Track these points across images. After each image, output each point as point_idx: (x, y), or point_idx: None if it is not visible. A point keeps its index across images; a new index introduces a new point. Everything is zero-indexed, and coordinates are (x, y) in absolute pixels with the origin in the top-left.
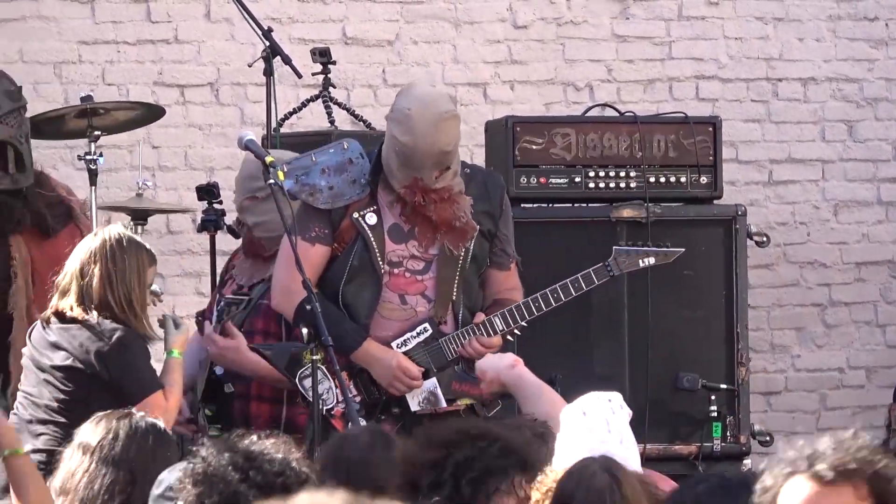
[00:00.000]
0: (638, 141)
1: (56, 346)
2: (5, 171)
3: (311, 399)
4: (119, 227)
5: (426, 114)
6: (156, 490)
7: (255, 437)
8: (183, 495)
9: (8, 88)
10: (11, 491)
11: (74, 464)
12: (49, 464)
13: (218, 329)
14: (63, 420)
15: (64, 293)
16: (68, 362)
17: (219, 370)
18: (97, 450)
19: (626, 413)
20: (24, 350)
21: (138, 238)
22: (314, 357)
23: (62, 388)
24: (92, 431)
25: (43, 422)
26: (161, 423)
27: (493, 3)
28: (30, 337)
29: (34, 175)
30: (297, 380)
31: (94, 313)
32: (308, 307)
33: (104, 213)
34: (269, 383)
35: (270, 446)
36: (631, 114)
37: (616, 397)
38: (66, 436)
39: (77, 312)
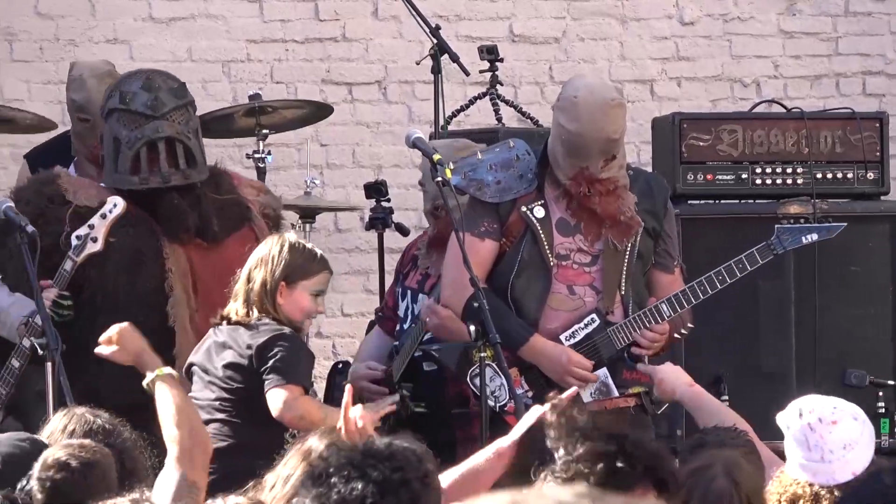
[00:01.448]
0: (805, 137)
1: (224, 346)
2: (176, 167)
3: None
4: (290, 234)
5: (593, 100)
6: None
7: (379, 435)
8: (302, 494)
9: (171, 86)
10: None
11: (288, 471)
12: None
13: (434, 299)
14: (224, 417)
15: (234, 298)
16: (232, 359)
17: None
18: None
19: (825, 416)
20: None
21: (309, 245)
22: (482, 354)
23: (225, 386)
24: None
25: (205, 422)
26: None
27: (660, 0)
28: (199, 348)
29: (211, 174)
30: (467, 378)
31: (255, 313)
32: (475, 304)
33: None
34: None
35: (393, 443)
36: (798, 110)
37: (806, 404)
38: (227, 433)
39: (241, 315)
